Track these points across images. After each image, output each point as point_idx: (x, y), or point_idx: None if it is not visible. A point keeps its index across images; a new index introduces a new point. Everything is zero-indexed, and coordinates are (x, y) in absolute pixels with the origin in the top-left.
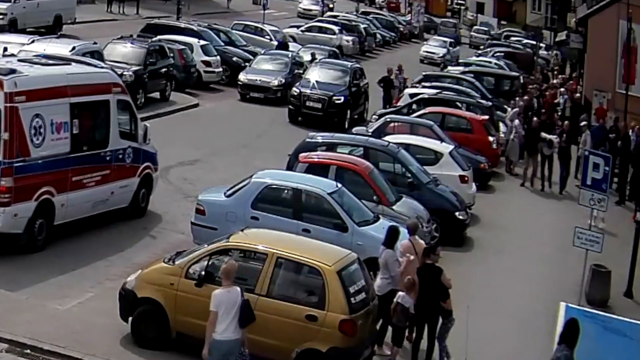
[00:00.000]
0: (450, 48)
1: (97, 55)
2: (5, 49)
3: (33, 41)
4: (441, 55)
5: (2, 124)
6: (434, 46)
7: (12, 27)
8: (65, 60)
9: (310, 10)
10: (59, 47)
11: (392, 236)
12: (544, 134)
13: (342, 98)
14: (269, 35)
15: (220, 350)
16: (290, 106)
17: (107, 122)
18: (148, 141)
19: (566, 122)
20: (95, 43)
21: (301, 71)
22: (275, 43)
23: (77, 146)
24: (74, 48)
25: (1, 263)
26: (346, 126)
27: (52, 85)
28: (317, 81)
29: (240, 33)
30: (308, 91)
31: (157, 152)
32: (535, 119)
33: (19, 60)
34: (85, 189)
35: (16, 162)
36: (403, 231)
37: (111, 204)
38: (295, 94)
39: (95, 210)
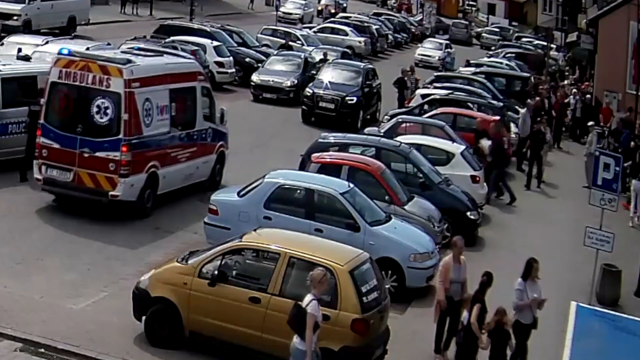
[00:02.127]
0: (447, 50)
1: None
2: (19, 50)
3: (47, 42)
4: (437, 57)
5: (123, 107)
6: (429, 49)
7: (27, 28)
8: (158, 52)
9: (291, 14)
10: (72, 48)
11: (527, 267)
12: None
13: (355, 98)
14: (300, 40)
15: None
16: (303, 106)
17: (194, 106)
18: (225, 123)
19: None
20: (108, 44)
21: (314, 72)
22: (310, 48)
23: (174, 127)
24: (87, 49)
25: (17, 263)
26: (359, 126)
27: (157, 74)
28: (330, 82)
29: (270, 38)
30: (321, 92)
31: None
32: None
33: (122, 52)
34: (179, 163)
35: (133, 139)
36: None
37: (196, 177)
38: (309, 94)
39: (185, 182)
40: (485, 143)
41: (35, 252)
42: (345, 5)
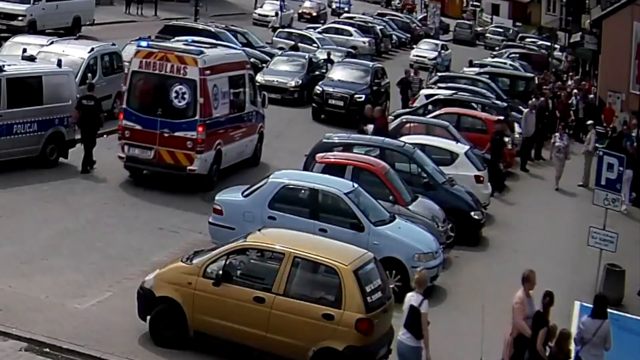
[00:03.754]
0: (442, 51)
1: (115, 56)
2: (24, 50)
3: (52, 42)
4: (432, 58)
5: (198, 92)
6: (424, 49)
7: (31, 28)
8: (211, 44)
9: (267, 16)
10: (77, 48)
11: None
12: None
13: (363, 96)
14: (316, 42)
15: (397, 348)
16: (313, 104)
17: (244, 91)
18: (266, 106)
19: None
20: (113, 44)
21: (317, 72)
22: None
23: (232, 109)
24: (92, 49)
25: (22, 263)
26: None
27: (220, 63)
28: (339, 80)
29: (285, 41)
30: (330, 89)
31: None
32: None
33: (184, 44)
34: (235, 142)
35: (207, 120)
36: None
37: (244, 154)
38: (318, 92)
39: (237, 159)
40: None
41: (40, 252)
42: (345, 9)
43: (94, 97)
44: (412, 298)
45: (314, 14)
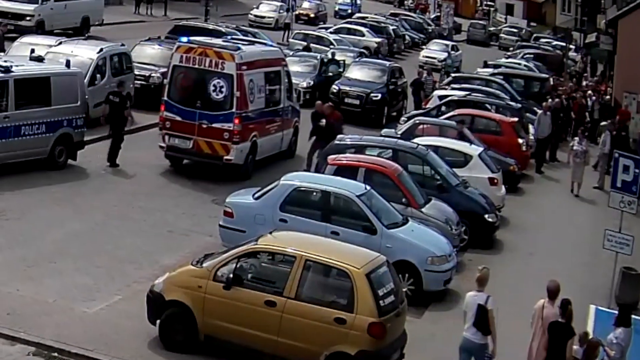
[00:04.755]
0: (452, 52)
1: (125, 57)
2: (32, 51)
3: (60, 43)
4: (442, 59)
5: (235, 86)
6: (434, 50)
7: (40, 28)
8: (250, 42)
9: (264, 17)
10: (86, 48)
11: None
12: None
13: (380, 95)
14: (332, 44)
15: (463, 345)
16: (329, 103)
17: (280, 86)
18: (301, 102)
19: None
20: (123, 45)
21: (330, 73)
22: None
23: (267, 104)
24: (101, 50)
25: (30, 266)
26: (383, 122)
27: (256, 59)
28: (355, 79)
29: (302, 43)
30: (347, 88)
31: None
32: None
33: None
34: (270, 134)
35: (242, 113)
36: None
37: (280, 147)
38: (335, 90)
39: (272, 151)
40: (323, 122)
41: (48, 255)
42: (348, 10)
43: (120, 93)
44: (475, 297)
45: (312, 15)
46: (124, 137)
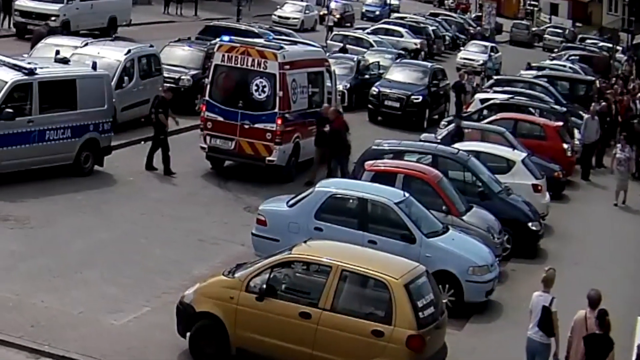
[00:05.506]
0: (492, 54)
1: (154, 58)
2: (57, 52)
3: (86, 44)
4: (481, 62)
5: (277, 85)
6: (473, 52)
7: (65, 29)
8: (292, 41)
9: (288, 18)
10: (113, 50)
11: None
12: None
13: (420, 97)
14: (372, 45)
15: (527, 346)
16: (369, 105)
17: (322, 87)
18: (344, 103)
19: None
20: (151, 46)
21: (367, 75)
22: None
23: (310, 104)
24: (129, 51)
25: (55, 277)
26: (425, 126)
27: (299, 59)
28: (396, 80)
29: (341, 45)
30: (387, 90)
31: None
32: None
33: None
34: (313, 136)
35: (285, 113)
36: None
37: None
38: (375, 93)
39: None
40: (327, 129)
41: (74, 265)
42: (377, 12)
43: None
44: (540, 298)
45: (338, 16)
46: (162, 143)
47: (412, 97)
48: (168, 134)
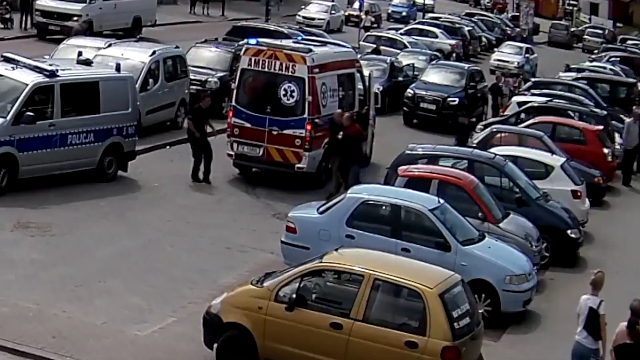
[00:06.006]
0: (527, 55)
1: (179, 60)
2: (79, 54)
3: (110, 45)
4: (516, 64)
5: (306, 90)
6: (507, 53)
7: (88, 29)
8: (322, 42)
9: (313, 19)
10: (138, 51)
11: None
12: None
13: (457, 100)
14: (407, 47)
15: (574, 349)
16: (404, 108)
17: (354, 90)
18: (378, 105)
19: None
20: (177, 47)
21: (400, 77)
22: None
23: (340, 108)
24: (154, 52)
25: (77, 286)
26: None
27: (329, 61)
28: (432, 82)
29: (374, 46)
30: (422, 92)
31: None
32: None
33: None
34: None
35: (315, 119)
36: None
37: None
38: (410, 95)
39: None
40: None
41: (97, 274)
42: (403, 13)
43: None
44: (588, 301)
45: (363, 17)
46: (195, 153)
47: (449, 99)
48: (196, 141)
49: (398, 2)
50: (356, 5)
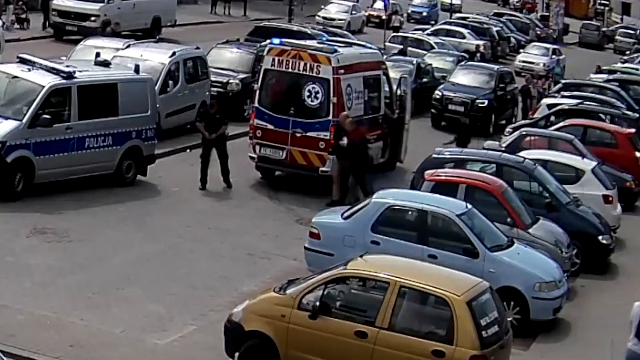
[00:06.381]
0: (553, 56)
1: (200, 61)
2: (97, 55)
3: (129, 46)
4: (542, 65)
5: (331, 91)
6: (533, 54)
7: (105, 29)
8: (347, 43)
9: (333, 19)
10: (157, 52)
11: None
12: None
13: (486, 101)
14: (434, 48)
15: (627, 357)
16: (432, 110)
17: (379, 92)
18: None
19: None
20: (197, 48)
21: (426, 79)
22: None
23: (366, 110)
24: (174, 53)
25: (95, 293)
26: (491, 131)
27: (354, 62)
28: (460, 84)
29: (399, 47)
30: (451, 94)
31: None
32: None
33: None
34: (370, 144)
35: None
36: None
37: (377, 158)
38: (438, 97)
39: (372, 162)
40: (344, 142)
41: (115, 281)
42: (423, 13)
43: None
44: None
45: (384, 17)
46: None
47: (478, 101)
48: (206, 144)
49: (419, 2)
50: (377, 5)
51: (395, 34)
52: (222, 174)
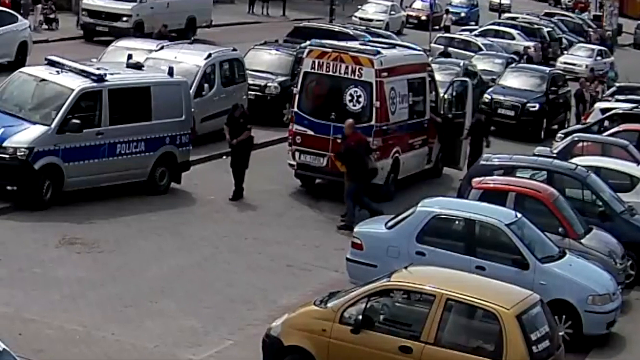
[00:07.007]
0: (598, 58)
1: (237, 63)
2: (129, 57)
3: (162, 47)
4: (584, 67)
5: (374, 95)
6: (577, 56)
7: (138, 30)
8: (390, 44)
9: (371, 20)
10: (192, 54)
11: None
12: None
13: (537, 105)
14: (482, 49)
15: None
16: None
17: (424, 95)
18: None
19: None
20: (234, 49)
21: (475, 81)
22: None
23: (411, 115)
24: (209, 55)
25: (127, 307)
26: (542, 137)
27: (398, 64)
28: (510, 87)
29: (440, 47)
30: (501, 98)
31: None
32: None
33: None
34: (414, 150)
35: (383, 126)
36: None
37: (425, 164)
38: (487, 100)
39: (416, 169)
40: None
41: (148, 294)
42: (462, 14)
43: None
44: None
45: (423, 17)
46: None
47: (528, 104)
48: (233, 150)
49: (457, 2)
50: (415, 5)
51: (440, 35)
52: (235, 184)
